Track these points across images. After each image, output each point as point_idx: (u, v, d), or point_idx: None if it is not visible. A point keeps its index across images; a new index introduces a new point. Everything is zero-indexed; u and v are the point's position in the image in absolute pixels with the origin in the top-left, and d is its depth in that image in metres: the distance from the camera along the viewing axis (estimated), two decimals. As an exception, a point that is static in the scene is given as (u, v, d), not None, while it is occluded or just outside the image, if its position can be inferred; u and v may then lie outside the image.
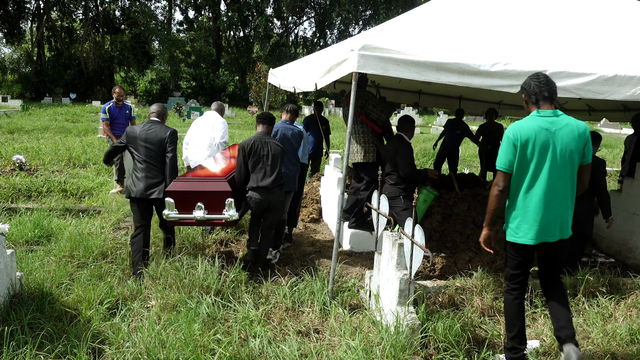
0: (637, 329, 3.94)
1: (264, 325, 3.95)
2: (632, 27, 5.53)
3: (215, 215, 4.72)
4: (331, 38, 47.61)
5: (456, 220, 6.14)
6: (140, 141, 4.86)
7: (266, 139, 4.96)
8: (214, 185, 4.75)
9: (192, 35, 42.35)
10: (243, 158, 4.91)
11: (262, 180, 4.84)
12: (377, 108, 5.79)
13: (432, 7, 5.75)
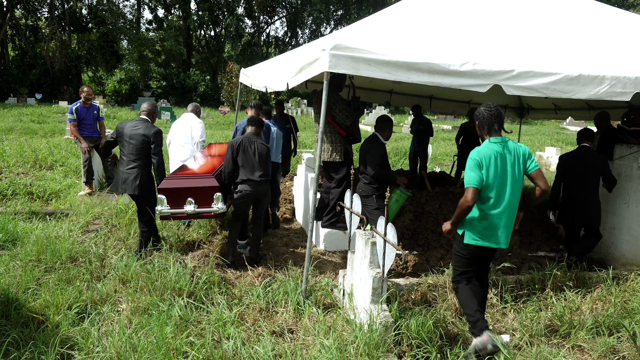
0: (602, 321, 4.05)
1: (238, 326, 3.93)
2: (595, 28, 5.69)
3: (205, 209, 5.11)
4: (303, 38, 47.59)
5: (428, 218, 6.21)
6: (126, 137, 5.22)
7: (253, 139, 5.36)
8: (203, 181, 5.13)
9: (162, 34, 41.75)
10: (232, 155, 5.26)
11: (252, 174, 5.23)
12: (343, 113, 5.81)
13: (402, 7, 5.80)
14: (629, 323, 3.97)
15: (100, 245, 5.57)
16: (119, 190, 5.26)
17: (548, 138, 24.20)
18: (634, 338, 3.80)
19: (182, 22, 41.93)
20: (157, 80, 42.27)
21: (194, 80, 40.92)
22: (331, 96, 5.79)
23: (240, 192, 5.25)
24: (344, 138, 5.92)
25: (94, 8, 39.75)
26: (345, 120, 5.83)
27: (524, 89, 4.45)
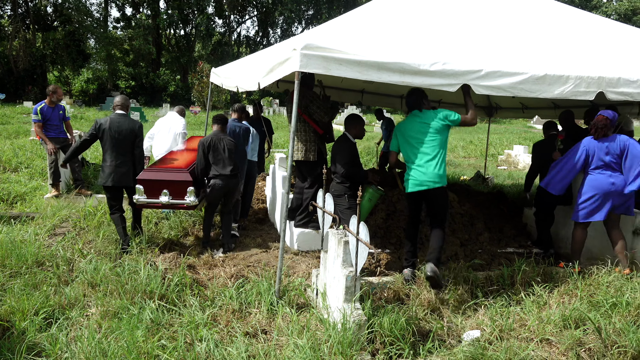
0: (569, 314, 4.15)
1: (211, 328, 3.89)
2: (559, 29, 5.84)
3: (178, 201, 5.58)
4: (274, 37, 47.49)
5: (400, 216, 6.26)
6: (111, 133, 5.52)
7: (221, 136, 5.78)
8: (177, 175, 5.60)
9: (130, 33, 41.01)
10: (203, 153, 5.71)
11: (223, 169, 5.67)
12: (321, 110, 5.81)
13: (373, 7, 5.85)
14: (594, 316, 4.07)
15: (68, 249, 5.45)
16: (110, 182, 5.52)
17: (516, 136, 24.71)
18: (599, 330, 3.91)
19: (151, 20, 41.28)
20: (126, 80, 41.55)
21: (164, 80, 40.37)
22: (307, 94, 5.78)
23: (213, 185, 5.68)
24: (319, 137, 5.91)
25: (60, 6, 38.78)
26: (323, 117, 5.83)
27: (492, 89, 4.54)
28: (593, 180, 5.24)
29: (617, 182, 5.16)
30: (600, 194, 5.20)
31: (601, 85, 4.75)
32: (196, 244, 6.04)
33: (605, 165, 5.19)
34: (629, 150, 5.15)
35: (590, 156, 5.25)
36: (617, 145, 5.18)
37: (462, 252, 5.78)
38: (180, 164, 5.93)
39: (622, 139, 5.20)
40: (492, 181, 11.19)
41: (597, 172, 5.23)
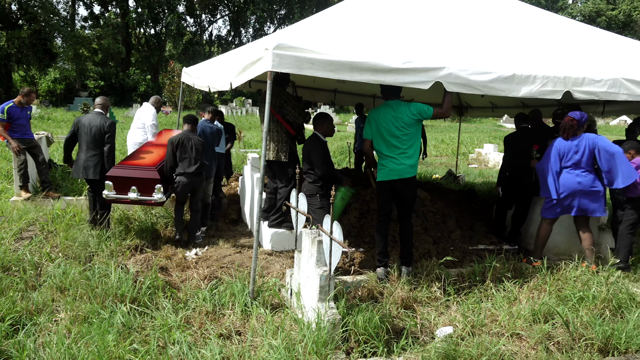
0: (538, 309, 4.25)
1: (184, 330, 3.85)
2: (527, 30, 5.96)
3: (146, 197, 5.75)
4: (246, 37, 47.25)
5: (373, 215, 6.30)
6: (84, 129, 5.93)
7: (190, 136, 5.94)
8: (145, 173, 5.78)
9: (99, 32, 40.21)
10: (171, 151, 5.89)
11: (188, 167, 5.86)
12: (295, 110, 5.78)
13: (345, 6, 5.87)
14: (562, 310, 4.18)
15: (35, 253, 5.32)
16: (80, 175, 5.97)
17: (486, 135, 25.13)
18: (567, 324, 4.01)
19: (120, 19, 40.58)
20: (95, 80, 40.74)
21: (134, 80, 39.73)
22: (282, 94, 5.77)
23: (178, 183, 5.89)
24: (291, 138, 5.89)
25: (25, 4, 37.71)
26: (297, 118, 5.80)
27: (464, 87, 4.61)
28: (562, 179, 5.39)
29: (584, 181, 5.31)
30: (567, 192, 5.35)
31: (567, 85, 4.87)
32: (169, 246, 5.96)
33: (575, 164, 5.34)
34: (599, 148, 5.29)
35: (561, 156, 5.39)
36: (585, 144, 5.33)
37: (434, 249, 5.85)
38: (148, 161, 6.09)
39: (590, 137, 5.36)
40: (463, 179, 11.36)
41: (565, 170, 5.38)
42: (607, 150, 5.25)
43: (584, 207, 5.39)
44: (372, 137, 4.93)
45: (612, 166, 5.24)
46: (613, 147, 5.27)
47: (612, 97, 5.03)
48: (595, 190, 5.33)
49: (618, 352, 3.86)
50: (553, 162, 5.44)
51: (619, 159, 5.21)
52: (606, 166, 5.27)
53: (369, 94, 9.90)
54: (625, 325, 4.00)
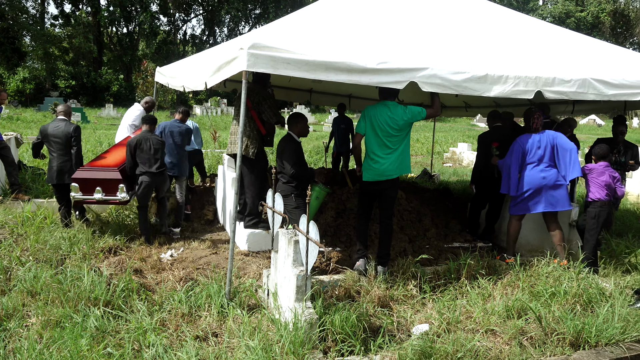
0: (512, 305, 4.32)
1: (159, 333, 3.80)
2: (498, 30, 6.06)
3: (111, 197, 5.97)
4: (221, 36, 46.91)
5: (349, 214, 6.33)
6: (51, 137, 6.15)
7: (148, 136, 6.04)
8: (108, 174, 5.99)
9: (70, 31, 39.43)
10: (130, 152, 6.02)
11: (150, 167, 5.98)
12: (271, 110, 5.76)
13: (320, 6, 5.88)
14: (535, 306, 4.26)
15: (4, 257, 5.18)
16: (55, 180, 6.17)
17: (460, 134, 25.46)
18: (540, 319, 4.09)
19: (91, 18, 39.83)
20: (66, 79, 39.88)
21: (107, 80, 39.04)
22: (261, 92, 5.74)
23: (141, 183, 6.00)
24: (260, 137, 5.86)
25: (-8, 1, 36.80)
26: (271, 118, 5.78)
27: (438, 87, 4.66)
28: (526, 176, 5.52)
29: (548, 176, 5.45)
30: (533, 188, 5.48)
31: (538, 85, 4.96)
32: (143, 248, 5.88)
33: (539, 160, 5.48)
34: (558, 144, 5.50)
35: (526, 152, 5.52)
36: (547, 139, 5.51)
37: (410, 248, 5.90)
38: (111, 162, 6.31)
39: (550, 133, 5.56)
40: (438, 178, 11.48)
41: (530, 166, 5.51)
42: (564, 146, 5.48)
43: (551, 202, 5.52)
44: (365, 132, 4.97)
45: (566, 162, 5.47)
46: (569, 144, 5.50)
47: (581, 96, 5.15)
48: (560, 184, 5.50)
49: (589, 346, 3.96)
50: (517, 158, 5.57)
51: (571, 156, 5.45)
52: (562, 161, 5.48)
53: (344, 94, 9.94)
54: (595, 320, 4.09)
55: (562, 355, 3.85)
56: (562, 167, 5.50)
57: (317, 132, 24.15)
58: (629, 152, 6.63)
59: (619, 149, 6.64)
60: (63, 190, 6.21)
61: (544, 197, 5.49)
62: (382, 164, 4.86)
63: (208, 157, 12.13)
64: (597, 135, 28.78)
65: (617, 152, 6.62)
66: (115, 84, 39.28)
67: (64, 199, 6.27)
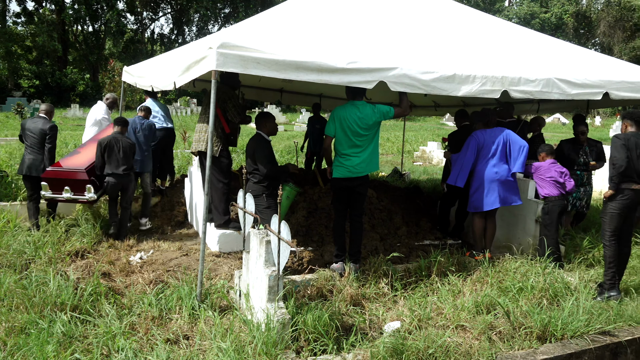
0: (481, 301, 4.40)
1: (129, 337, 3.73)
2: (465, 31, 6.16)
3: (79, 196, 6.18)
4: (190, 35, 46.32)
5: (321, 214, 6.34)
6: (28, 131, 6.38)
7: (119, 137, 6.17)
8: (75, 174, 6.18)
9: (33, 29, 38.30)
10: (99, 153, 6.12)
11: (117, 168, 6.10)
12: (235, 110, 5.74)
13: (290, 6, 5.87)
14: (503, 301, 4.35)
15: (-35, 262, 5.02)
16: (24, 171, 6.31)
17: (430, 133, 25.78)
18: (508, 314, 4.18)
19: (55, 16, 38.81)
20: (29, 79, 38.79)
21: (72, 79, 38.11)
22: (226, 91, 5.69)
23: (108, 183, 6.14)
24: (225, 136, 5.82)
25: (-51, -2, 35.53)
26: (235, 117, 5.75)
27: (407, 86, 4.71)
28: (480, 172, 5.66)
29: (500, 171, 5.61)
30: (486, 183, 5.60)
31: (505, 84, 5.07)
32: (112, 251, 5.77)
33: (492, 155, 5.62)
34: (510, 139, 5.68)
35: (481, 147, 5.64)
36: (500, 135, 5.69)
37: (381, 246, 5.95)
38: (79, 162, 6.45)
39: (502, 130, 5.74)
40: (408, 177, 11.60)
41: (484, 161, 5.64)
42: (516, 142, 5.67)
43: (505, 196, 5.65)
44: (335, 134, 4.99)
45: (516, 157, 5.64)
46: (521, 141, 5.69)
47: (546, 95, 5.28)
48: (512, 179, 5.66)
49: (555, 339, 4.06)
50: (473, 153, 5.70)
51: (522, 151, 5.63)
52: (513, 157, 5.65)
53: (315, 93, 9.95)
54: (561, 313, 4.21)
55: (530, 348, 3.94)
56: (509, 160, 5.69)
57: (289, 131, 24.11)
58: (594, 151, 6.75)
59: (584, 150, 6.65)
60: (32, 182, 6.35)
61: (497, 192, 5.62)
62: (353, 161, 4.91)
63: (178, 158, 11.97)
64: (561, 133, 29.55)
65: (584, 153, 6.63)
66: (81, 84, 38.38)
67: (34, 193, 6.37)
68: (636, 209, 4.92)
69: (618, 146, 4.75)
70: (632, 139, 4.81)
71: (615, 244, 4.86)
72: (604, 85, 5.50)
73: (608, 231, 4.87)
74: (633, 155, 4.76)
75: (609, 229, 4.86)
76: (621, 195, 4.79)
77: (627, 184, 4.76)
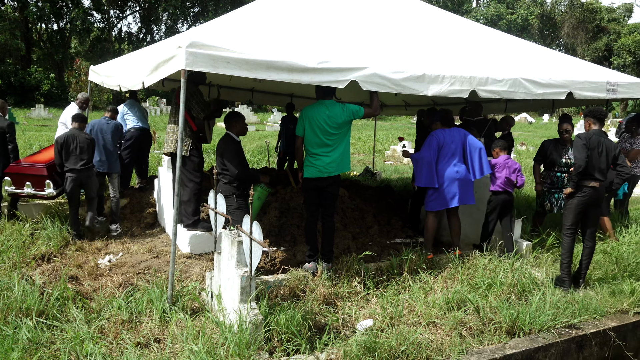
0: (452, 297, 4.47)
1: (98, 342, 3.66)
2: (435, 32, 6.25)
3: (39, 192, 6.36)
4: (158, 34, 45.63)
5: (293, 214, 6.33)
6: None
7: (76, 134, 6.15)
8: (35, 170, 6.36)
9: (-6, 27, 37.08)
10: (57, 150, 6.13)
11: (75, 164, 6.09)
12: (199, 106, 5.67)
13: (260, 5, 5.84)
14: (473, 297, 4.42)
15: None
16: None
17: (400, 132, 26.01)
18: (478, 310, 4.25)
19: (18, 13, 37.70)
20: (-9, 78, 37.55)
21: (36, 79, 37.08)
22: (189, 88, 5.62)
23: (67, 179, 6.14)
24: (194, 133, 5.76)
25: None
26: (199, 113, 5.68)
27: (378, 85, 4.74)
28: (440, 170, 5.72)
29: (460, 170, 5.69)
30: (447, 182, 5.66)
31: (473, 84, 5.15)
32: (79, 254, 5.65)
33: (452, 154, 5.69)
34: (468, 142, 5.76)
35: (442, 146, 5.70)
36: (458, 136, 5.76)
37: (354, 245, 5.98)
38: (41, 158, 6.61)
39: (461, 130, 5.82)
40: (380, 176, 11.69)
41: (444, 161, 5.70)
42: (474, 145, 5.75)
43: (464, 195, 5.73)
44: (304, 134, 4.99)
45: (475, 160, 5.72)
46: (478, 143, 5.77)
47: (513, 95, 5.39)
48: (469, 179, 5.76)
49: (523, 333, 4.16)
50: (435, 152, 5.72)
51: (481, 155, 5.72)
52: (471, 159, 5.74)
53: (286, 93, 9.93)
54: (528, 308, 4.31)
55: (499, 343, 4.02)
56: (470, 164, 5.74)
57: (260, 131, 24.00)
58: None
59: (567, 150, 6.32)
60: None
61: (458, 190, 5.68)
62: (323, 161, 4.91)
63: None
64: (528, 132, 30.22)
65: (567, 154, 6.30)
66: (45, 83, 37.39)
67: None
68: (598, 205, 5.09)
69: (579, 146, 4.95)
70: (593, 137, 4.97)
71: (572, 238, 5.13)
72: (567, 85, 5.65)
73: (566, 225, 5.15)
74: (595, 153, 4.94)
75: (568, 223, 5.14)
76: (580, 192, 5.01)
77: (586, 181, 4.97)
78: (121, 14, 44.25)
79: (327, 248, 5.09)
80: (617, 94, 6.01)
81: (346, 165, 5.06)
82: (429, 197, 5.80)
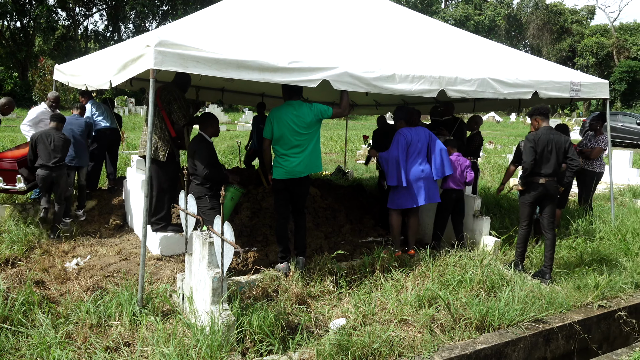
0: (423, 294, 4.53)
1: (65, 347, 3.58)
2: (405, 32, 6.31)
3: (11, 187, 6.46)
4: (126, 32, 44.78)
5: (265, 214, 6.31)
6: None
7: (52, 132, 6.22)
8: (7, 164, 6.46)
9: (-47, 24, 35.83)
10: (31, 146, 6.27)
11: (47, 161, 6.13)
12: (181, 111, 5.56)
13: (230, 4, 5.80)
14: (444, 294, 4.49)
15: None
16: None
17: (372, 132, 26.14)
18: (449, 307, 4.32)
19: (-22, 10, 36.46)
20: (-50, 77, 36.27)
21: (-2, 78, 35.96)
22: (174, 91, 5.54)
23: (38, 175, 6.19)
24: (172, 139, 5.65)
25: None
26: (180, 119, 5.58)
27: (349, 85, 4.77)
28: (407, 169, 5.76)
29: (426, 169, 5.79)
30: (414, 180, 5.73)
31: (442, 84, 5.23)
32: (45, 258, 5.50)
33: (418, 153, 5.77)
34: (432, 142, 5.87)
35: (409, 144, 5.76)
36: (424, 135, 5.84)
37: (326, 244, 5.99)
38: (13, 154, 6.71)
39: (426, 130, 5.92)
40: (351, 175, 11.74)
41: (411, 159, 5.76)
42: (438, 145, 5.88)
43: (430, 194, 5.82)
44: (272, 136, 4.96)
45: (437, 160, 5.85)
46: (440, 144, 5.92)
47: (480, 95, 5.49)
48: (434, 178, 5.86)
49: (492, 328, 4.24)
50: (403, 150, 5.75)
51: (443, 155, 5.88)
52: (434, 159, 5.85)
53: (257, 93, 9.88)
54: (497, 303, 4.39)
55: (470, 339, 4.09)
56: (433, 163, 5.85)
57: (231, 131, 23.83)
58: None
59: None
60: None
61: (423, 189, 5.76)
62: (292, 162, 4.88)
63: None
64: (496, 131, 30.81)
65: None
66: (8, 83, 36.25)
67: None
68: (553, 199, 5.36)
69: (527, 149, 5.25)
70: (542, 137, 5.21)
71: (527, 230, 5.55)
72: (533, 85, 5.79)
73: (522, 219, 5.52)
74: (545, 151, 5.22)
75: (522, 216, 5.52)
76: (531, 189, 5.34)
77: (535, 178, 5.30)
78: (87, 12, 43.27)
79: (301, 242, 5.13)
80: (580, 93, 6.19)
81: (316, 165, 5.04)
82: (395, 194, 5.84)
